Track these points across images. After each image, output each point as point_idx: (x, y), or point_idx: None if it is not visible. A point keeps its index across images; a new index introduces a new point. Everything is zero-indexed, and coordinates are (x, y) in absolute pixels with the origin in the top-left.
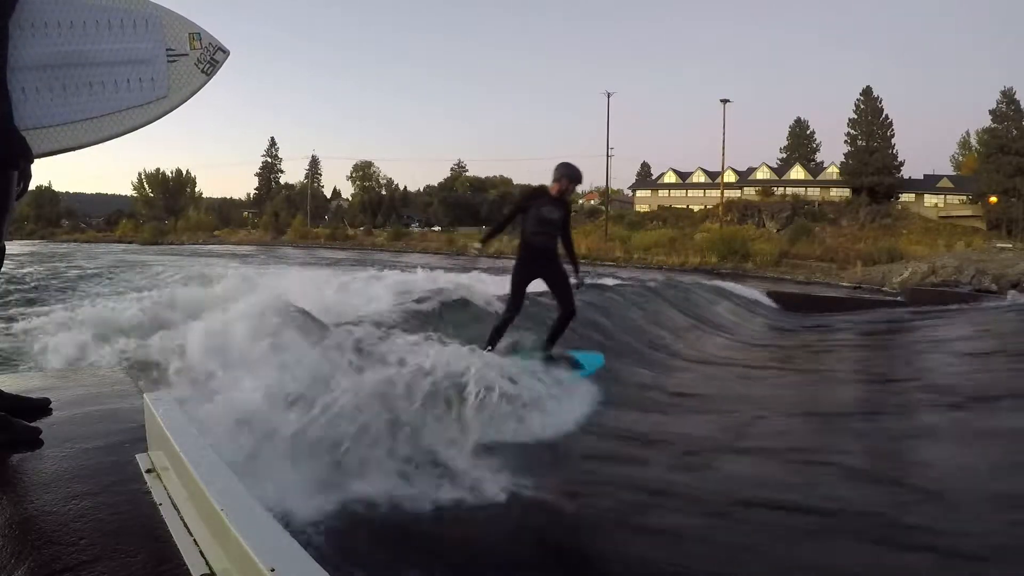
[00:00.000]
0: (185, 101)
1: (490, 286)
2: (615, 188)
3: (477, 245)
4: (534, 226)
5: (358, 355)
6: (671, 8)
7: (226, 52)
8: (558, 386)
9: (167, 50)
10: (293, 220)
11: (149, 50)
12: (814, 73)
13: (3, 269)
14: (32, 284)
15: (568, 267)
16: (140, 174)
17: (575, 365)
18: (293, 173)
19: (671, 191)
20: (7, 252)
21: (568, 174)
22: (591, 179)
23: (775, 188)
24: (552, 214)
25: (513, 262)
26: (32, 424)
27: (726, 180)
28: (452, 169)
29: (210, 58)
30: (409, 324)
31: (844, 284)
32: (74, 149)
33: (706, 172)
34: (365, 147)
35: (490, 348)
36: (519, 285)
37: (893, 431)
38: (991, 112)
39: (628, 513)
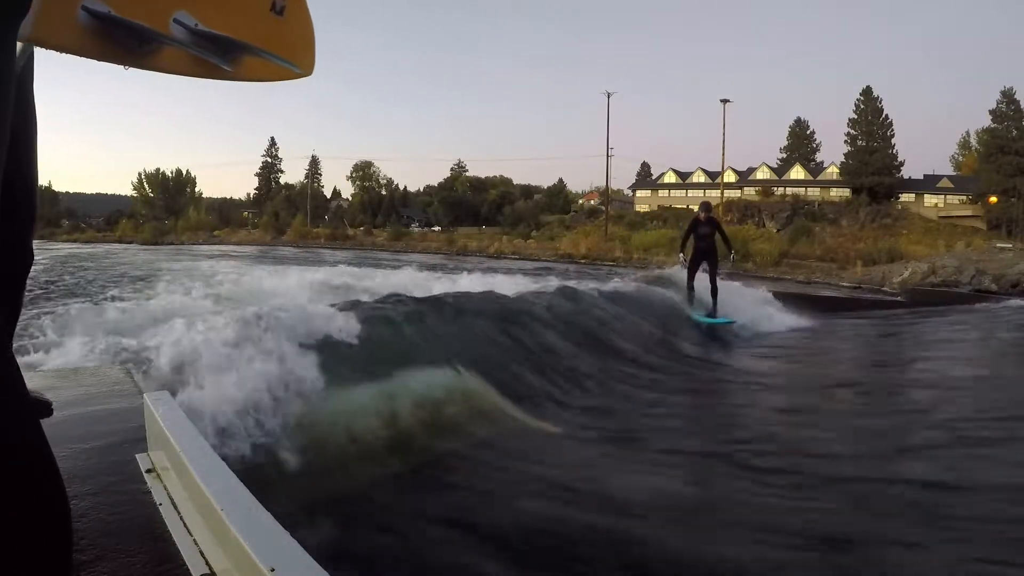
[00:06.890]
0: None
1: None
2: (615, 188)
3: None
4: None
5: None
6: (671, 8)
7: None
8: None
9: None
10: (293, 220)
11: None
12: (814, 73)
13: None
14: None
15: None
16: (140, 174)
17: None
18: (293, 173)
19: (671, 191)
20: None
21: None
22: (591, 179)
23: (775, 188)
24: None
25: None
26: None
27: (726, 180)
28: (452, 169)
29: None
30: None
31: (844, 284)
32: None
33: (706, 172)
34: (365, 147)
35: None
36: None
37: None
38: (991, 112)
39: None
